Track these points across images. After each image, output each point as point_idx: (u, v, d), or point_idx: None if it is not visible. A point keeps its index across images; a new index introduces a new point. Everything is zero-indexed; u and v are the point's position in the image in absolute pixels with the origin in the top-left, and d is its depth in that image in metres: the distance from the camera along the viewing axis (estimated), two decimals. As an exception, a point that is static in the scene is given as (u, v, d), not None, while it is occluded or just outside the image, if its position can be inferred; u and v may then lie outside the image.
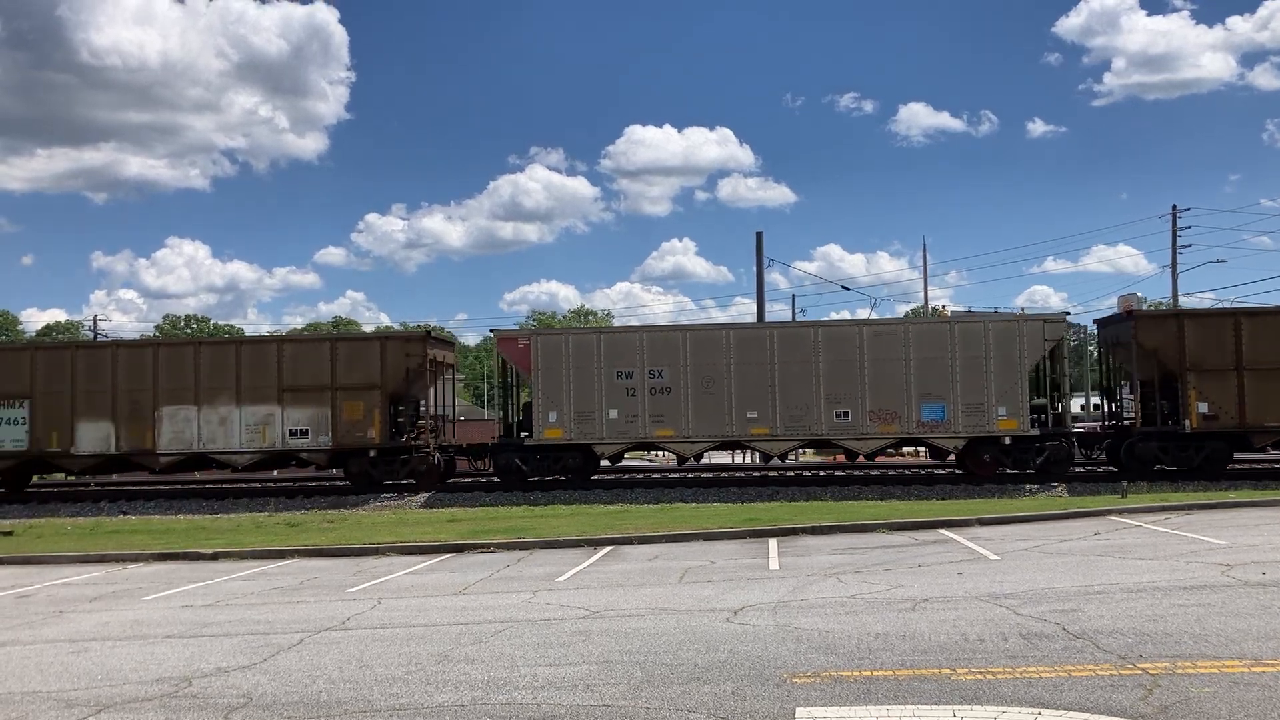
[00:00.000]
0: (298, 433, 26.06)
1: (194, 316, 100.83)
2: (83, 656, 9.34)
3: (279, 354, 26.31)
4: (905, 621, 9.26)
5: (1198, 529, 15.37)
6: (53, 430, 26.57)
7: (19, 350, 28.36)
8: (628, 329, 28.04)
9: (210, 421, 26.20)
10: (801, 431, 25.09)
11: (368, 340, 28.35)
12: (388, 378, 25.99)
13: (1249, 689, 6.60)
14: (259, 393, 26.11)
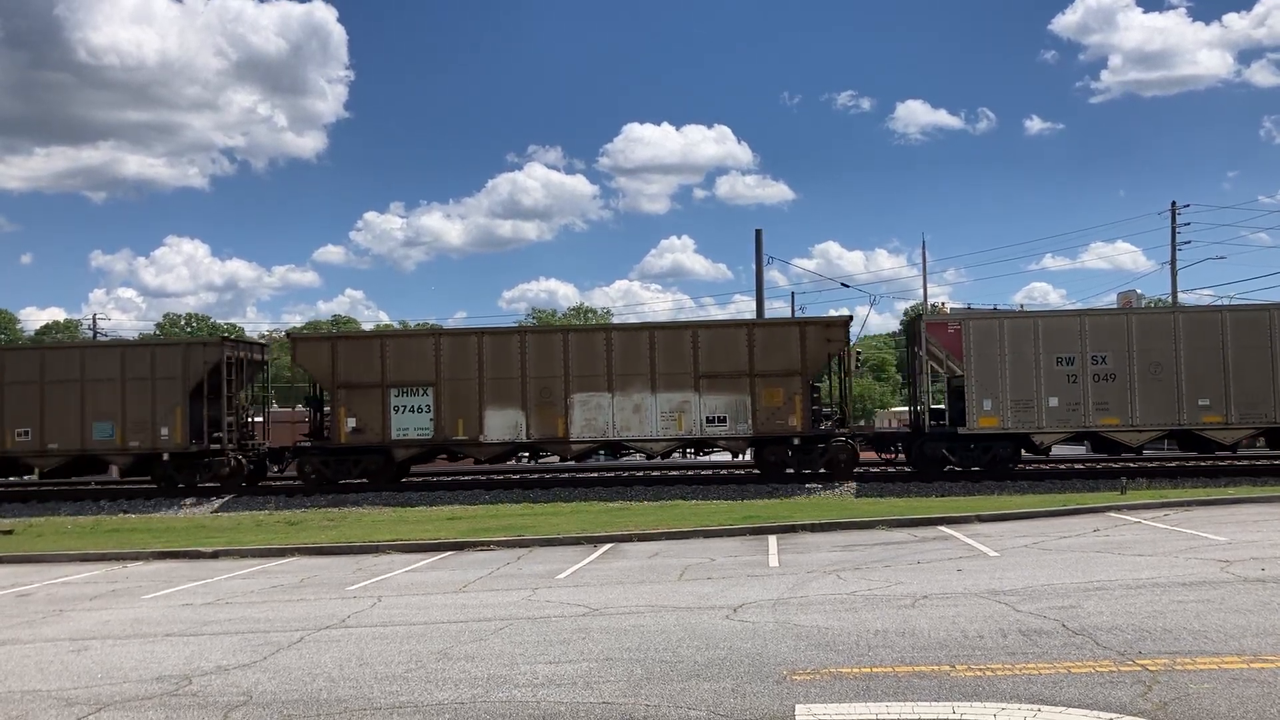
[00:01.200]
0: (715, 420, 25.53)
1: (194, 315, 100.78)
2: (83, 655, 9.34)
3: (694, 340, 25.68)
4: (905, 618, 9.27)
5: (1197, 525, 15.38)
6: (459, 418, 25.94)
7: (424, 336, 27.51)
8: (1065, 313, 27.22)
9: (624, 409, 25.73)
10: (1257, 419, 24.45)
11: (785, 326, 26.80)
12: (808, 363, 25.45)
13: (1248, 685, 6.61)
14: (674, 379, 25.58)
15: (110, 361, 26.78)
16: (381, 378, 25.91)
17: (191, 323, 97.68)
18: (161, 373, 26.41)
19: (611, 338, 26.04)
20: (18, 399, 26.67)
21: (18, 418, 26.69)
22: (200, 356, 26.82)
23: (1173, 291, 50.03)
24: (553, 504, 23.68)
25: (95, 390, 26.50)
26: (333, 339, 27.77)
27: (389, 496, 25.49)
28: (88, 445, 26.53)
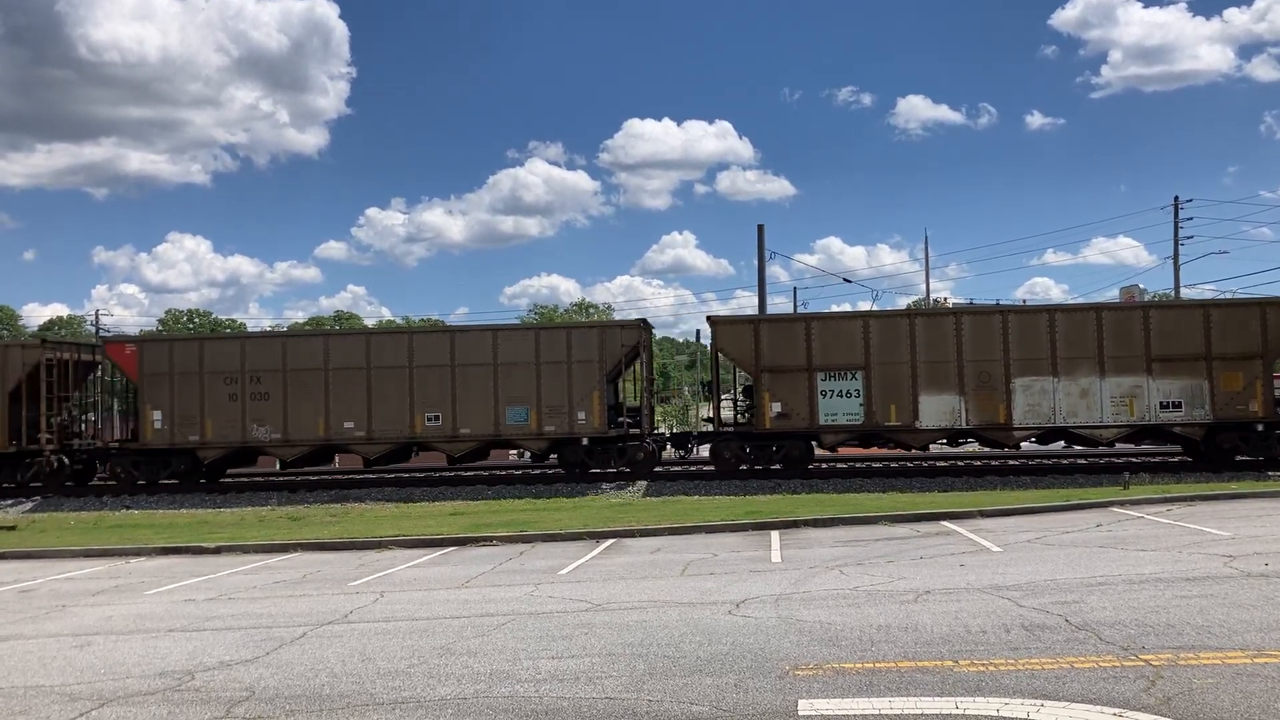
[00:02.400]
0: (1169, 405, 24.64)
1: (196, 311, 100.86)
2: (85, 651, 9.35)
3: (1145, 322, 24.70)
4: (907, 613, 9.26)
5: (1200, 520, 15.36)
6: (890, 403, 24.86)
7: (851, 319, 26.20)
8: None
9: (1070, 393, 24.63)
10: None
11: (1244, 306, 25.68)
12: (1270, 344, 24.68)
13: (1252, 680, 6.60)
14: (1124, 363, 24.49)
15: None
16: (807, 362, 25.01)
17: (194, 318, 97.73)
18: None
19: (1055, 319, 24.98)
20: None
21: None
22: None
23: (1175, 286, 49.99)
24: (555, 499, 23.67)
25: None
26: (755, 322, 26.45)
27: (391, 492, 25.50)
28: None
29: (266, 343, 27.36)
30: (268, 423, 26.01)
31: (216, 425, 26.07)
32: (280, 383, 26.05)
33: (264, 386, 26.02)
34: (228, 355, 26.41)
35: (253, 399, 26.02)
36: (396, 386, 25.81)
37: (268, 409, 25.99)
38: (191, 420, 26.09)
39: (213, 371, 26.10)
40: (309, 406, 25.98)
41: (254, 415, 26.00)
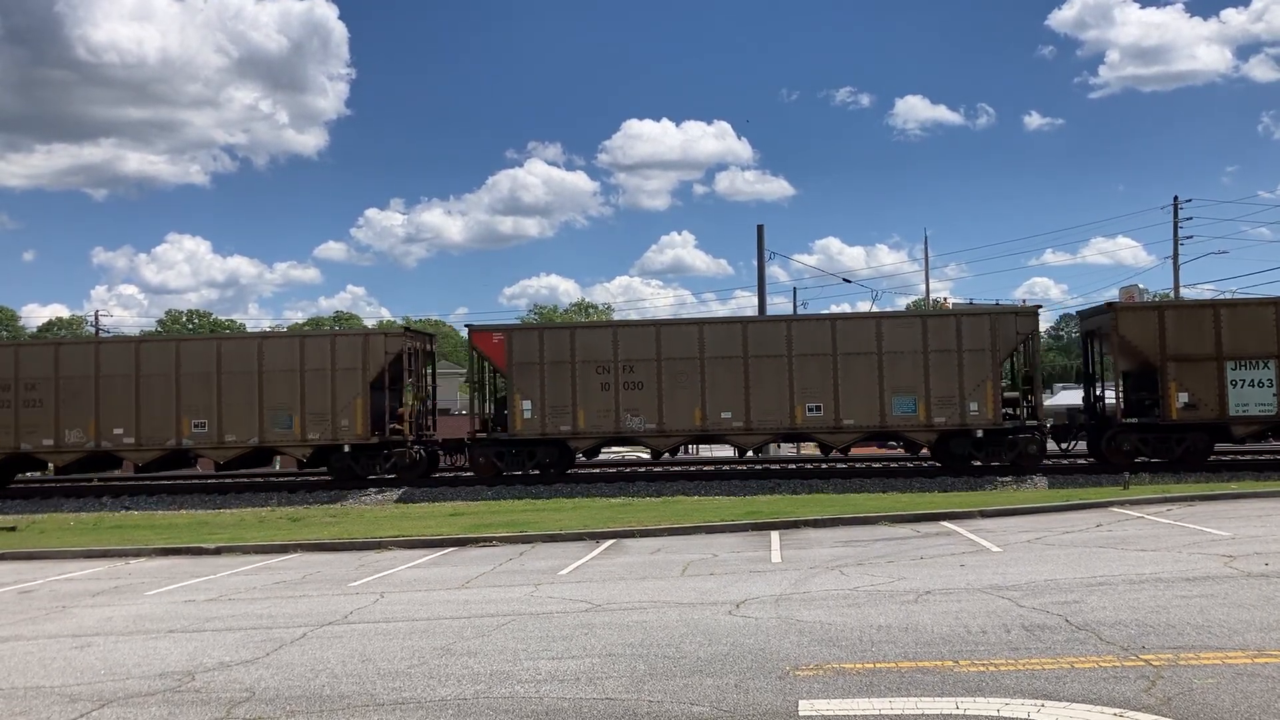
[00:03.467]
0: None
1: (196, 311, 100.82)
2: (85, 651, 9.35)
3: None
4: (908, 614, 9.26)
5: (1200, 520, 15.36)
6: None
7: (1263, 305, 25.18)
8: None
9: None
10: None
11: None
12: None
13: (1252, 680, 6.59)
14: None
15: None
16: (1216, 349, 24.31)
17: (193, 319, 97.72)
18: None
19: None
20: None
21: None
22: None
23: (1175, 286, 50.00)
24: (555, 500, 23.67)
25: None
26: (1160, 308, 25.88)
27: (390, 494, 25.50)
28: None
29: (640, 331, 26.40)
30: (641, 413, 25.50)
31: (589, 415, 25.79)
32: (654, 372, 25.67)
33: (637, 375, 25.70)
34: (600, 343, 25.88)
35: (626, 388, 25.68)
36: (775, 376, 25.38)
37: (641, 398, 25.64)
38: (563, 410, 25.60)
39: (584, 360, 25.60)
40: (685, 396, 25.60)
41: (627, 405, 25.51)
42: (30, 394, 26.56)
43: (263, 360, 26.17)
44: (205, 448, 26.48)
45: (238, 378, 26.19)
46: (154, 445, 26.39)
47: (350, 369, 25.95)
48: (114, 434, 26.33)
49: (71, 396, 26.46)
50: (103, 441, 26.35)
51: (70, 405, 26.46)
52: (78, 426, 26.43)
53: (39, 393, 26.53)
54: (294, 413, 25.98)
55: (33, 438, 26.49)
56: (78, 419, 26.44)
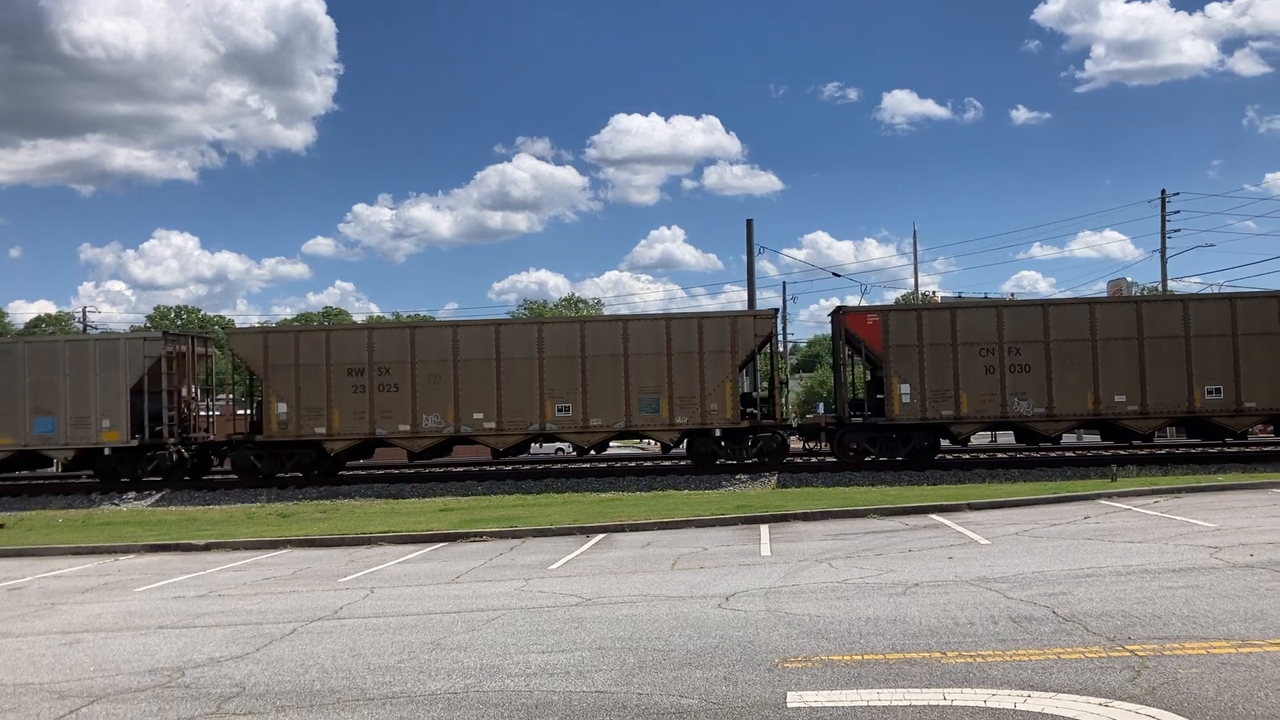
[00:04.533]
0: None
1: (185, 307, 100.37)
2: (75, 648, 9.33)
3: None
4: (896, 606, 9.31)
5: (1186, 512, 15.45)
6: None
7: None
8: None
9: None
10: None
11: None
12: None
13: (1236, 669, 6.65)
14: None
15: None
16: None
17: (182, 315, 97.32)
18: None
19: None
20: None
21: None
22: None
23: (1162, 279, 50.13)
24: (545, 495, 23.70)
25: None
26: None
27: (381, 489, 25.47)
28: None
29: (1024, 312, 25.79)
30: (1029, 396, 25.02)
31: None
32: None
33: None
34: (983, 324, 25.14)
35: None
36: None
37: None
38: (946, 394, 24.99)
39: (966, 343, 25.01)
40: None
41: (1014, 388, 24.98)
42: (384, 378, 26.01)
43: (628, 343, 25.73)
44: (569, 432, 26.07)
45: (604, 360, 25.78)
46: (516, 430, 25.97)
47: (719, 352, 25.49)
48: (474, 418, 25.93)
49: (429, 381, 26.00)
50: (462, 426, 25.91)
51: (428, 390, 26.00)
52: (435, 411, 25.97)
53: (393, 377, 25.97)
54: (661, 396, 25.58)
55: (388, 423, 25.98)
56: (436, 404, 26.02)
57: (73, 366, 26.25)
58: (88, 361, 26.29)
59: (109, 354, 26.39)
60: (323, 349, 25.94)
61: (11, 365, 26.39)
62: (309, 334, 26.91)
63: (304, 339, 26.36)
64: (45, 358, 26.48)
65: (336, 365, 25.86)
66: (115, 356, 26.32)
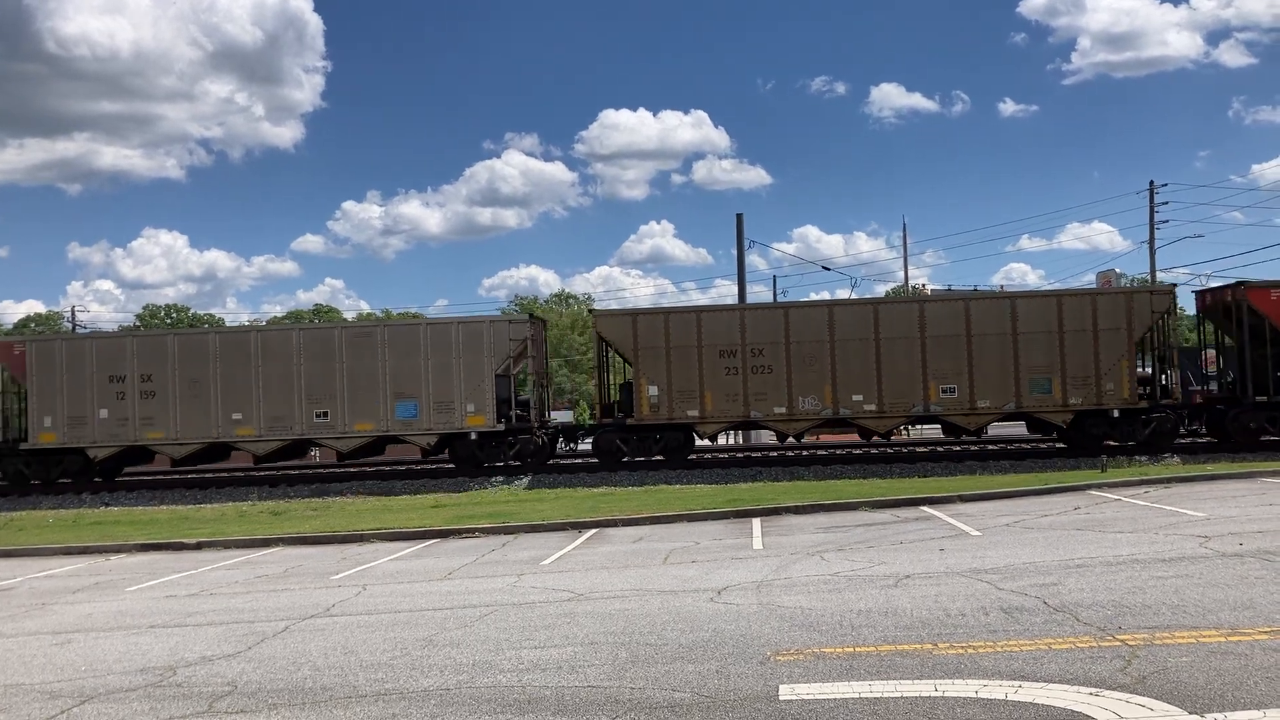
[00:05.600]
0: None
1: (174, 306, 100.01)
2: (66, 648, 9.31)
3: None
4: (888, 598, 9.33)
5: (1176, 502, 15.52)
6: None
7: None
8: None
9: None
10: None
11: None
12: None
13: (1225, 658, 6.69)
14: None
15: None
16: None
17: (172, 314, 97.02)
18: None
19: None
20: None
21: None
22: None
23: (1151, 270, 50.32)
24: (536, 490, 23.69)
25: None
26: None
27: (372, 485, 25.44)
28: None
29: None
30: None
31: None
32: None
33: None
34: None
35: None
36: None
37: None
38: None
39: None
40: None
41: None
42: (757, 360, 25.27)
43: (1016, 322, 24.94)
44: (955, 414, 25.21)
45: (990, 340, 25.02)
46: (897, 412, 25.28)
47: (1114, 329, 24.85)
48: (852, 400, 25.22)
49: (804, 362, 25.16)
50: (840, 409, 25.23)
51: (803, 371, 25.16)
52: (812, 393, 25.31)
53: (766, 358, 25.24)
54: (1054, 376, 24.88)
55: (763, 405, 25.28)
56: (812, 385, 25.26)
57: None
58: (450, 344, 25.90)
59: (473, 337, 25.96)
60: (694, 330, 25.37)
61: (370, 349, 26.03)
62: (679, 315, 26.18)
63: (674, 320, 25.74)
64: (405, 341, 26.11)
65: (708, 347, 25.29)
66: (480, 340, 25.90)
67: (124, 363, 26.06)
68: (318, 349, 26.04)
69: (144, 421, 25.98)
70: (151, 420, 25.96)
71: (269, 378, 25.95)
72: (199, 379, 25.94)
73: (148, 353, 26.21)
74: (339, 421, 25.81)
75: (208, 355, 26.05)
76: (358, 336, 26.53)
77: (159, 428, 25.99)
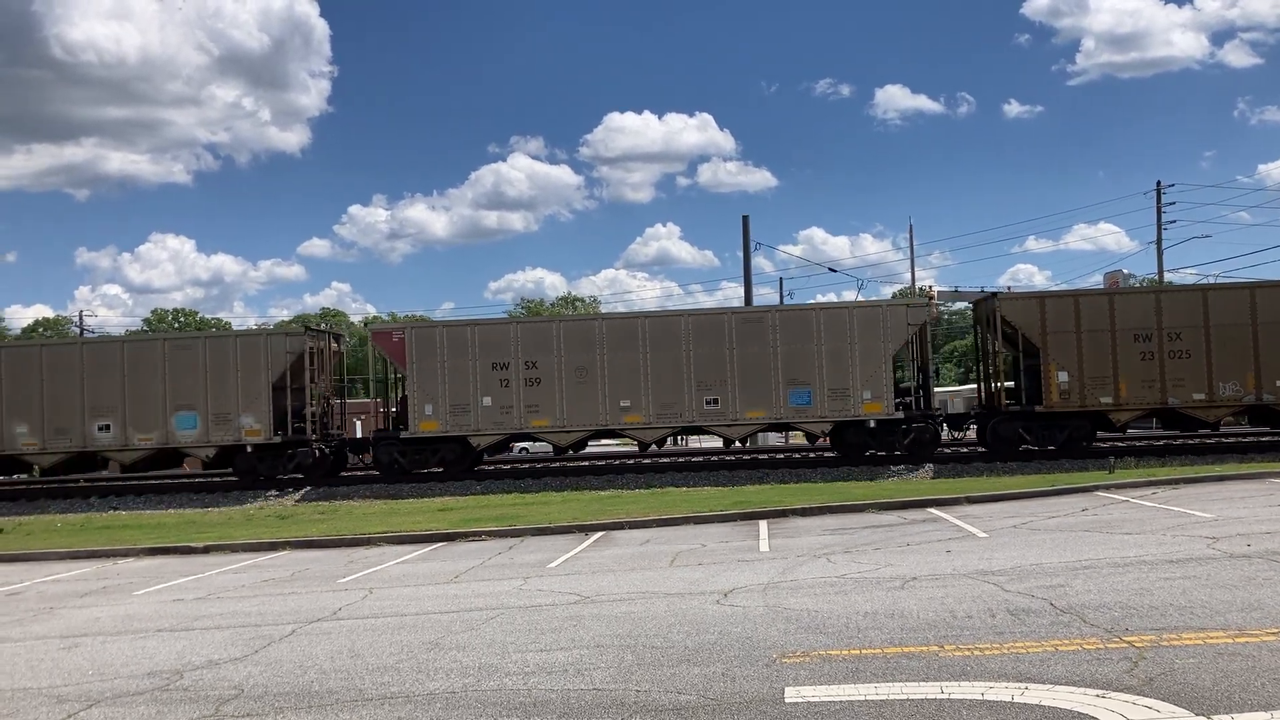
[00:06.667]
0: None
1: (181, 310, 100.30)
2: (74, 652, 9.33)
3: None
4: (894, 600, 9.31)
5: (1184, 503, 15.47)
6: None
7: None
8: None
9: None
10: None
11: None
12: None
13: (1233, 659, 6.66)
14: None
15: None
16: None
17: (180, 318, 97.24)
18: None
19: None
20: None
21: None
22: None
23: (1159, 270, 50.17)
24: (543, 493, 23.69)
25: None
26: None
27: (380, 489, 25.46)
28: None
29: None
30: None
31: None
32: None
33: None
34: None
35: None
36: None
37: None
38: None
39: None
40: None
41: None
42: (1175, 344, 24.71)
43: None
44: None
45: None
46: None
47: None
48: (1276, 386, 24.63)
49: (1224, 345, 24.63)
50: (1263, 394, 24.63)
51: (1224, 355, 24.62)
52: (1234, 378, 24.67)
53: (1185, 343, 24.69)
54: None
55: (1180, 391, 24.65)
56: (1233, 371, 24.66)
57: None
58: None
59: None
60: (1106, 314, 24.91)
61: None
62: (1089, 299, 25.75)
63: (1084, 304, 25.30)
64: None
65: (1122, 331, 24.84)
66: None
67: (508, 349, 25.75)
68: None
69: (529, 409, 25.59)
70: (537, 408, 25.57)
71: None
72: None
73: (532, 339, 25.82)
74: None
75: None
76: None
77: (544, 415, 25.60)
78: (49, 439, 26.45)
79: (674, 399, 25.42)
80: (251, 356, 26.09)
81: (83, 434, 26.32)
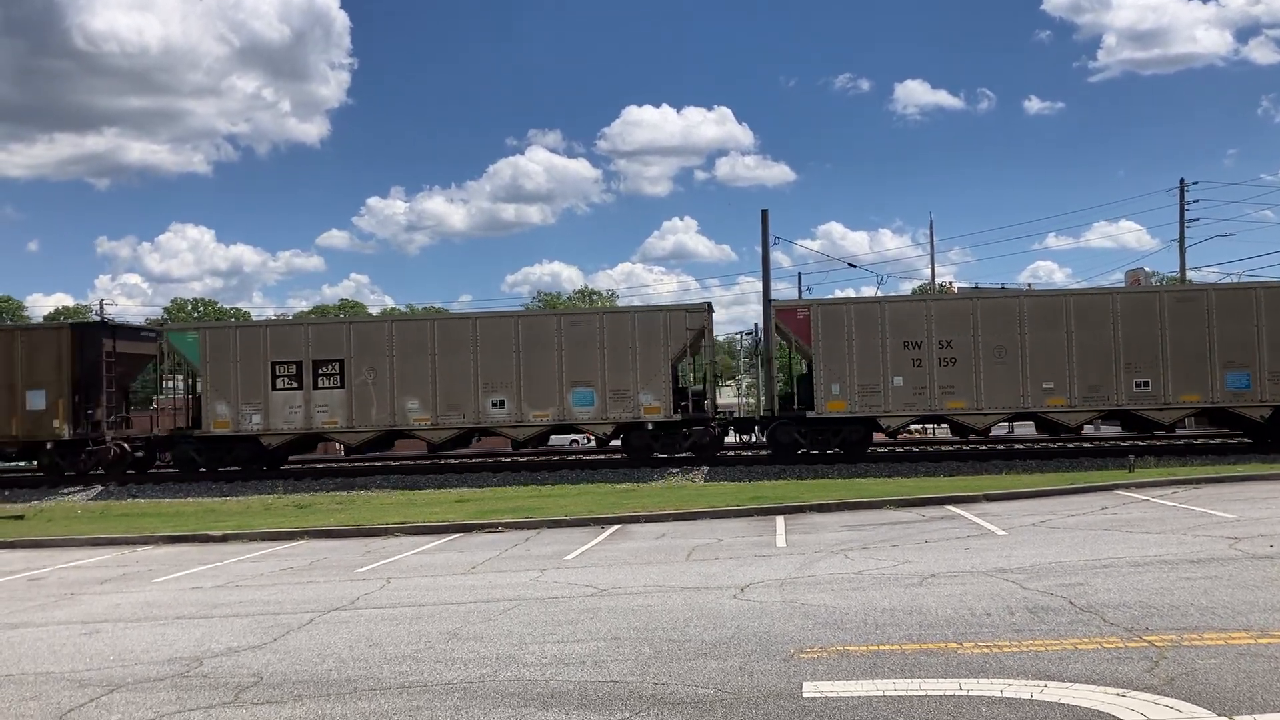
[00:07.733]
0: None
1: (201, 300, 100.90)
2: (94, 638, 9.41)
3: None
4: (912, 597, 9.28)
5: (1205, 502, 15.36)
6: None
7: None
8: None
9: None
10: None
11: None
12: None
13: (1255, 660, 6.61)
14: None
15: None
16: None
17: (199, 308, 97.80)
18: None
19: None
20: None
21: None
22: None
23: (1181, 269, 49.75)
24: (560, 486, 23.73)
25: None
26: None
27: (396, 480, 25.57)
28: None
29: None
30: None
31: None
32: None
33: None
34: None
35: None
36: None
37: None
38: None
39: None
40: None
41: None
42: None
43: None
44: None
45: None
46: None
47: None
48: None
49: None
50: None
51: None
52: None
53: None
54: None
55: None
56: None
57: None
58: None
59: None
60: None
61: None
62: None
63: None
64: None
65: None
66: None
67: (919, 328, 25.01)
68: None
69: (944, 391, 24.94)
70: (952, 389, 24.91)
71: None
72: (1005, 346, 24.78)
73: (947, 318, 25.10)
74: None
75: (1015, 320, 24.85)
76: None
77: (960, 397, 24.92)
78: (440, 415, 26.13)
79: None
80: (650, 333, 25.61)
81: (477, 410, 25.89)
